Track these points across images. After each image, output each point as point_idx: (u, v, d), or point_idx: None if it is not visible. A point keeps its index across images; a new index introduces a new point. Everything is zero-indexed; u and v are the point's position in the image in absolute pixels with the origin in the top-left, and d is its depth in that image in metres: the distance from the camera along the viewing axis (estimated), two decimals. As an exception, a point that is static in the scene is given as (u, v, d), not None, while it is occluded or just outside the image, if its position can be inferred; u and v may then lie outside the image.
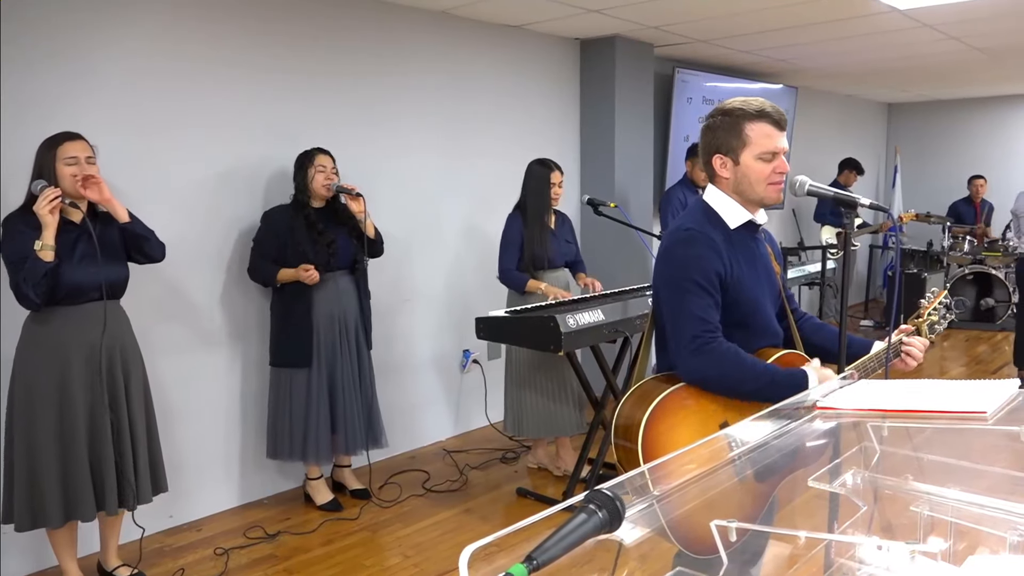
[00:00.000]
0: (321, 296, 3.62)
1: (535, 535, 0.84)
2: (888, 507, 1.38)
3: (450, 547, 3.42)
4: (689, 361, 1.83)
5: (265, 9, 3.80)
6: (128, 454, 2.91)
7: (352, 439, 3.72)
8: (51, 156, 2.77)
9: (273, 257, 3.61)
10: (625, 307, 3.80)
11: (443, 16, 4.60)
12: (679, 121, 6.20)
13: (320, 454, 3.69)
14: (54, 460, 2.78)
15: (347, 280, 3.74)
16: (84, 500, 2.81)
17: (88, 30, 3.24)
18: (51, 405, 2.78)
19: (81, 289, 2.80)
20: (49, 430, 2.78)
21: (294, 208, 3.65)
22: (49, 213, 2.66)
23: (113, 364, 2.89)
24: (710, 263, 1.85)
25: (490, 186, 4.92)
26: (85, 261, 2.80)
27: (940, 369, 6.44)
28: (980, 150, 9.31)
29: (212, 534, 3.58)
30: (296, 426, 3.64)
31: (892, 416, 1.47)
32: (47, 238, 2.67)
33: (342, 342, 3.69)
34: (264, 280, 3.68)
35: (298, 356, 3.60)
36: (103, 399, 2.84)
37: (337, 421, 3.69)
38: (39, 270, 2.65)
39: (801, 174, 1.96)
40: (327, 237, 3.63)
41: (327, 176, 3.64)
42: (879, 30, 5.18)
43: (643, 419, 1.77)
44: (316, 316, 3.61)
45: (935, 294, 2.20)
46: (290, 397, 3.64)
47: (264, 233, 3.65)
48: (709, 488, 1.21)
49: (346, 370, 3.70)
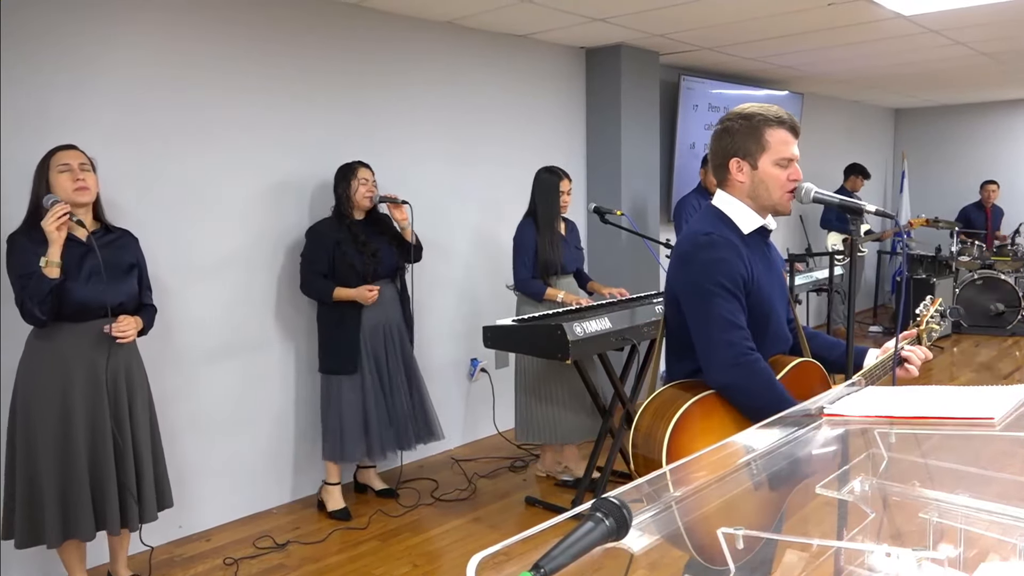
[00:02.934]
0: (368, 308, 3.72)
1: (543, 543, 0.84)
2: (897, 514, 1.37)
3: (459, 556, 3.42)
4: (725, 371, 1.80)
5: (269, 18, 3.83)
6: (131, 473, 2.86)
7: (404, 436, 3.84)
8: (45, 167, 2.76)
9: (324, 271, 3.70)
10: (632, 315, 3.80)
11: (449, 27, 4.63)
12: (685, 128, 6.20)
13: (385, 449, 3.79)
14: (54, 478, 2.74)
15: (390, 288, 3.87)
16: (83, 519, 2.77)
17: (92, 39, 3.27)
18: (52, 422, 2.74)
19: (87, 307, 2.77)
20: (49, 447, 2.74)
21: (337, 220, 3.75)
22: (56, 229, 2.63)
23: (118, 382, 2.85)
24: (734, 267, 1.83)
25: (498, 195, 4.94)
26: (94, 279, 2.77)
27: (950, 375, 6.41)
28: (988, 155, 9.28)
29: (221, 544, 3.59)
30: (354, 426, 3.72)
31: (899, 423, 1.47)
32: (53, 254, 2.64)
33: (389, 348, 3.82)
34: (320, 297, 3.76)
35: (345, 364, 3.71)
36: (106, 417, 2.80)
37: (392, 419, 3.81)
38: (44, 287, 2.62)
39: (807, 181, 1.96)
40: (371, 248, 3.74)
41: (368, 188, 3.75)
42: (885, 36, 5.18)
43: (667, 431, 1.74)
44: (364, 326, 3.73)
45: (931, 301, 2.19)
46: (342, 401, 3.72)
47: (312, 249, 3.74)
48: (717, 496, 1.21)
49: (393, 373, 3.82)
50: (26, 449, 2.75)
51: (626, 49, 5.34)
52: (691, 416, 1.77)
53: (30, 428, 2.75)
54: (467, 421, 4.95)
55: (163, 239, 3.44)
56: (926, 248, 8.30)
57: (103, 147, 3.08)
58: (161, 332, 3.39)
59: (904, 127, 10.01)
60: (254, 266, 3.83)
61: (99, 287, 2.76)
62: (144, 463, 2.92)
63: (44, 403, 2.74)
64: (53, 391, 2.75)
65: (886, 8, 4.42)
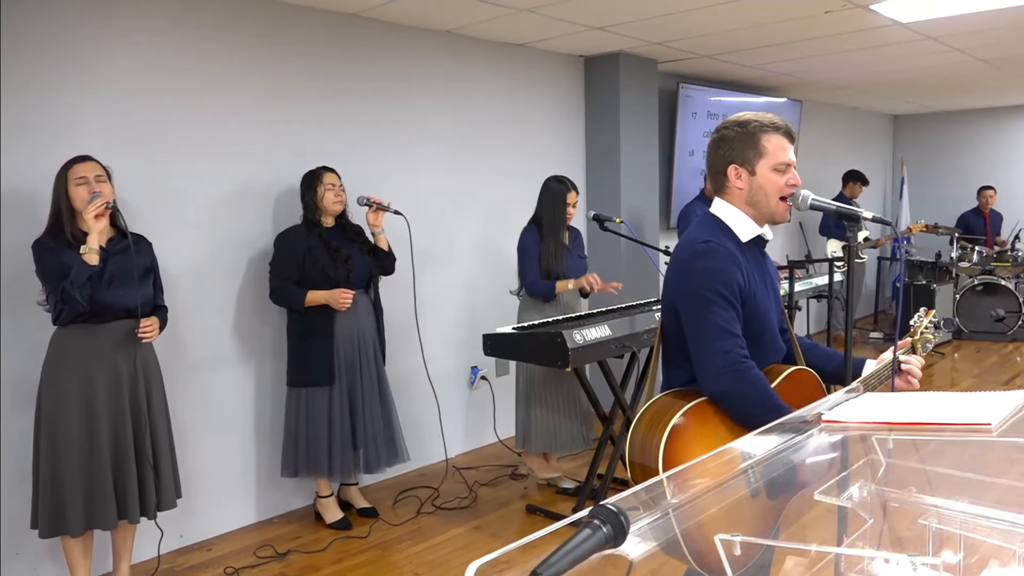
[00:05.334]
0: (340, 315, 3.63)
1: (543, 550, 0.85)
2: (896, 520, 1.37)
3: (461, 564, 3.41)
4: (718, 378, 1.80)
5: (270, 29, 3.85)
6: (149, 465, 3.00)
7: (373, 457, 3.74)
8: (63, 180, 2.89)
9: (294, 278, 3.62)
10: (632, 322, 3.80)
11: (448, 36, 4.65)
12: (684, 136, 6.22)
13: (344, 469, 3.70)
14: (78, 470, 2.87)
15: (364, 299, 3.77)
16: (106, 509, 2.90)
17: (90, 50, 3.28)
18: (77, 418, 2.87)
19: (109, 309, 2.90)
20: (74, 442, 2.86)
21: (307, 228, 3.67)
22: (94, 218, 2.79)
23: (136, 381, 2.99)
24: (731, 275, 1.84)
25: (497, 202, 4.95)
26: (115, 282, 2.91)
27: (950, 380, 6.41)
28: (987, 160, 9.29)
29: (222, 553, 3.59)
30: (319, 443, 3.63)
31: (897, 429, 1.47)
32: (92, 242, 2.80)
33: (361, 360, 3.72)
34: (290, 303, 3.66)
35: (320, 375, 3.60)
36: (126, 413, 2.95)
37: (358, 438, 3.69)
38: (84, 272, 2.78)
39: (805, 188, 1.97)
40: (343, 254, 3.66)
41: (336, 193, 3.67)
42: (882, 43, 5.20)
43: (662, 439, 1.74)
44: (337, 336, 3.63)
45: (924, 312, 2.20)
46: (310, 415, 3.63)
47: (281, 256, 3.65)
48: (715, 503, 1.21)
49: (366, 387, 3.73)
50: (51, 444, 2.87)
51: (625, 57, 5.36)
52: (686, 423, 1.78)
53: (55, 423, 2.87)
54: (468, 429, 4.95)
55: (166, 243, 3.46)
56: (926, 254, 8.31)
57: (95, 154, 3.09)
58: (172, 338, 3.40)
59: (903, 133, 10.03)
60: (263, 273, 3.84)
61: (120, 291, 2.92)
62: (162, 452, 3.07)
63: (69, 400, 2.87)
64: (77, 388, 2.88)
65: (883, 16, 4.44)
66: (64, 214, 2.87)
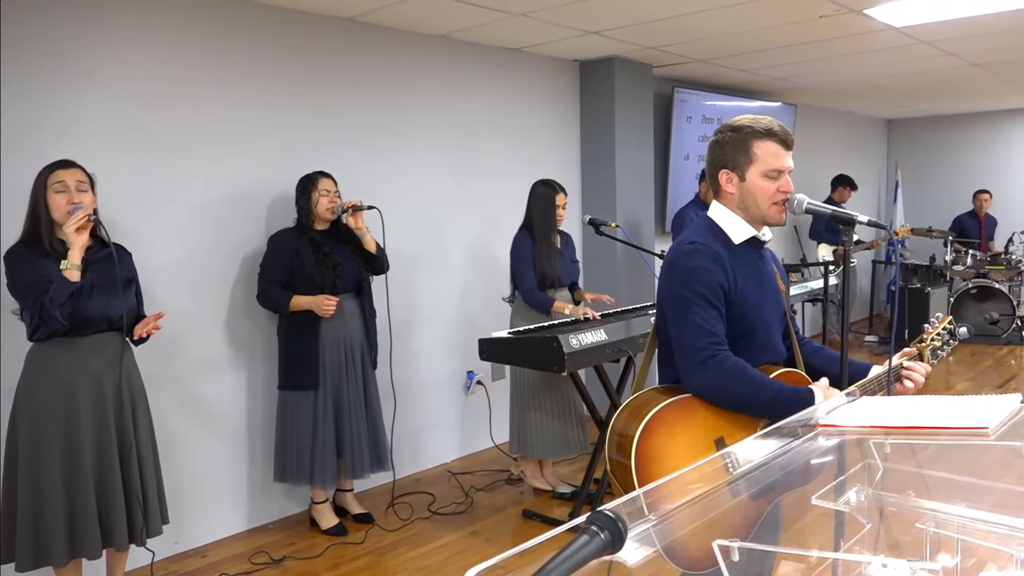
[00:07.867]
0: (328, 320, 3.61)
1: (540, 557, 0.84)
2: (894, 524, 1.37)
3: (457, 570, 3.40)
4: (696, 374, 1.84)
5: (266, 34, 3.84)
6: (137, 487, 2.82)
7: (358, 463, 3.71)
8: (42, 184, 2.72)
9: (281, 281, 3.60)
10: (628, 326, 3.80)
11: (443, 40, 4.65)
12: (679, 140, 6.23)
13: (326, 478, 3.67)
14: (60, 496, 2.68)
15: (353, 303, 3.74)
16: (91, 537, 2.72)
17: (86, 54, 3.27)
18: (57, 439, 2.69)
19: (91, 320, 2.74)
20: (55, 465, 2.68)
21: (299, 231, 3.65)
22: (75, 232, 2.62)
23: (121, 397, 2.83)
24: (713, 275, 1.86)
25: (492, 207, 4.94)
26: (96, 292, 2.74)
27: (946, 384, 6.42)
28: (981, 164, 9.33)
29: (217, 560, 3.57)
30: (303, 450, 3.62)
31: (894, 433, 1.47)
32: (73, 257, 2.62)
33: (348, 365, 3.68)
34: (276, 307, 3.64)
35: (306, 379, 3.59)
36: (111, 432, 2.77)
37: (343, 445, 3.67)
38: (65, 290, 2.59)
39: (799, 192, 1.97)
40: (333, 259, 3.63)
41: (331, 199, 3.65)
42: (877, 48, 5.22)
43: (636, 433, 1.76)
44: (323, 339, 3.61)
45: (939, 319, 2.19)
46: (297, 421, 3.62)
47: (271, 257, 3.64)
48: (712, 508, 1.21)
49: (352, 393, 3.69)
50: (30, 467, 2.68)
51: (620, 62, 5.36)
52: (661, 420, 1.79)
53: (35, 446, 2.68)
54: (463, 434, 4.93)
55: (156, 254, 3.44)
56: (920, 257, 8.33)
57: (88, 161, 3.06)
58: (164, 342, 3.39)
59: (897, 137, 10.06)
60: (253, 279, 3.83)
61: (102, 301, 2.75)
62: (148, 476, 2.90)
63: (49, 420, 2.69)
64: (58, 407, 2.70)
65: (878, 20, 4.46)
66: (42, 222, 2.69)
